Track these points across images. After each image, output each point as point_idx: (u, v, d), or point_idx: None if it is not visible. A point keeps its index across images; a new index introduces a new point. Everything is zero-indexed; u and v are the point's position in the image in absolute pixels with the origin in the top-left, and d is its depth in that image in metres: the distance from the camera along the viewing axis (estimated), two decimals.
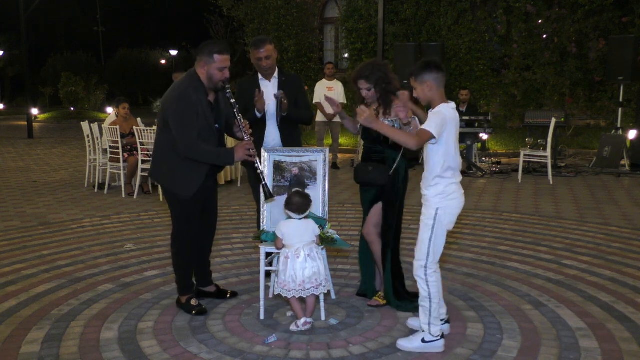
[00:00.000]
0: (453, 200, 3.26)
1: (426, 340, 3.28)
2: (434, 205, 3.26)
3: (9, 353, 3.30)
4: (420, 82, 3.24)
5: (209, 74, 3.64)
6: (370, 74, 3.77)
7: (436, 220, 3.25)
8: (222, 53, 3.63)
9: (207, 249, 4.12)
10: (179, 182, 3.72)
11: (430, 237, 3.27)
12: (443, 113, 3.17)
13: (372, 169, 3.84)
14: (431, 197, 3.27)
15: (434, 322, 3.28)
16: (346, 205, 7.29)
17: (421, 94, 3.27)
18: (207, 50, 3.64)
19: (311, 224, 3.59)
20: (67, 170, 10.65)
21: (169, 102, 3.64)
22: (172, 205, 3.86)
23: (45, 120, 27.93)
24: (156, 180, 3.93)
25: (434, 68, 3.22)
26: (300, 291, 3.45)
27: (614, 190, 8.30)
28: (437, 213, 3.25)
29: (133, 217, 6.75)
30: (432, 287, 3.28)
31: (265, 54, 4.29)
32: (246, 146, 3.64)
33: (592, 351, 3.28)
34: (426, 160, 3.32)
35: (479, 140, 10.36)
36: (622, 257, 5.02)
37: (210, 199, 4.00)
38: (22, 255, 5.16)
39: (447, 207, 3.25)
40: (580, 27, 14.11)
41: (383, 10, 11.75)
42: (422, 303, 3.31)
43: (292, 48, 18.15)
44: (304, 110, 4.49)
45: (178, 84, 3.70)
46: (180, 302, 3.93)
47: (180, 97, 3.60)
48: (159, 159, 3.81)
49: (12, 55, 40.82)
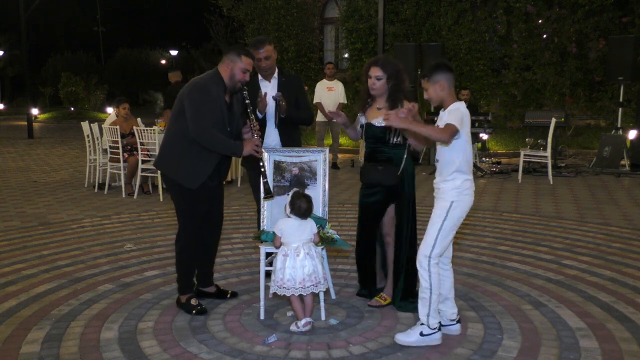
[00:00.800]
0: (466, 197, 3.33)
1: (424, 333, 3.31)
2: (450, 198, 3.31)
3: (9, 353, 3.30)
4: (433, 82, 3.31)
5: (232, 72, 3.77)
6: (386, 64, 3.78)
7: (449, 213, 3.31)
8: (248, 56, 3.81)
9: (212, 250, 4.13)
10: (185, 172, 3.75)
11: (440, 228, 3.31)
12: (460, 110, 3.26)
13: (382, 168, 3.81)
14: (448, 190, 3.32)
15: (433, 314, 3.31)
16: (346, 205, 7.29)
17: (433, 94, 3.33)
18: (235, 51, 3.81)
19: (310, 222, 3.59)
20: (67, 170, 10.65)
21: (189, 91, 3.74)
22: (176, 199, 3.88)
23: (45, 120, 27.94)
24: (161, 169, 3.96)
25: (445, 68, 3.32)
26: (301, 289, 3.46)
27: (614, 190, 8.30)
28: (452, 206, 3.30)
29: (133, 217, 6.75)
30: (434, 277, 3.31)
31: (264, 55, 4.29)
32: (255, 142, 3.79)
33: (592, 351, 3.28)
34: (441, 156, 3.36)
35: (479, 140, 10.36)
36: (622, 257, 5.02)
37: (216, 199, 4.03)
38: (22, 255, 5.16)
39: (461, 201, 3.31)
40: (580, 27, 14.11)
41: (383, 10, 11.75)
42: (422, 294, 3.34)
43: (292, 48, 18.15)
44: (304, 111, 4.48)
45: (199, 78, 3.82)
46: (180, 302, 3.93)
47: (202, 88, 3.73)
48: (167, 148, 3.86)
49: (12, 55, 40.80)
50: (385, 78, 3.77)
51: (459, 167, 3.30)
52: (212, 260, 4.16)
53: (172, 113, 3.84)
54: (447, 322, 3.49)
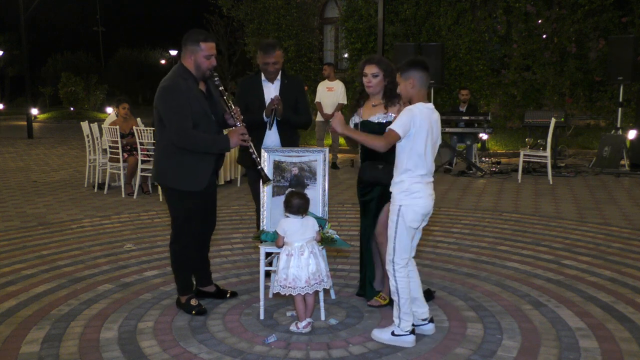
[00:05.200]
0: (417, 199, 3.28)
1: (396, 333, 3.33)
2: (397, 202, 3.31)
3: (9, 353, 3.30)
4: (405, 77, 3.29)
5: (196, 62, 3.63)
6: (381, 61, 3.81)
7: (399, 217, 3.29)
8: (207, 41, 3.62)
9: (206, 247, 4.11)
10: (187, 177, 3.66)
11: (395, 234, 3.31)
12: (413, 111, 3.23)
13: (382, 167, 3.83)
14: (396, 194, 3.33)
15: (403, 317, 3.32)
16: (346, 205, 7.29)
17: (403, 90, 3.33)
18: (192, 39, 3.62)
19: (311, 220, 3.59)
20: (67, 170, 10.65)
21: (158, 97, 3.62)
22: (173, 205, 3.80)
23: (45, 120, 27.93)
24: (161, 183, 3.84)
25: (420, 67, 3.28)
26: (306, 287, 3.46)
27: (613, 190, 8.30)
28: (400, 210, 3.29)
29: (133, 217, 6.75)
30: (400, 282, 3.32)
31: (273, 60, 4.26)
32: (239, 131, 3.65)
33: (592, 351, 3.28)
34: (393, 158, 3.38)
35: (479, 140, 10.36)
36: (622, 257, 5.02)
37: (211, 196, 3.97)
38: (22, 255, 5.16)
39: (410, 205, 3.28)
40: (580, 27, 14.11)
41: (383, 10, 11.76)
42: (393, 296, 3.38)
43: (292, 48, 18.15)
44: (302, 115, 4.46)
45: (165, 80, 3.66)
46: (180, 302, 3.92)
47: (169, 88, 3.58)
48: (161, 159, 3.75)
49: (12, 55, 40.81)
50: (381, 75, 3.79)
51: (404, 170, 3.27)
52: (207, 259, 4.13)
53: (155, 125, 3.73)
54: (419, 322, 3.49)
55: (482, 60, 15.43)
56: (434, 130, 3.31)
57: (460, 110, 10.39)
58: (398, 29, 15.65)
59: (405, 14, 15.71)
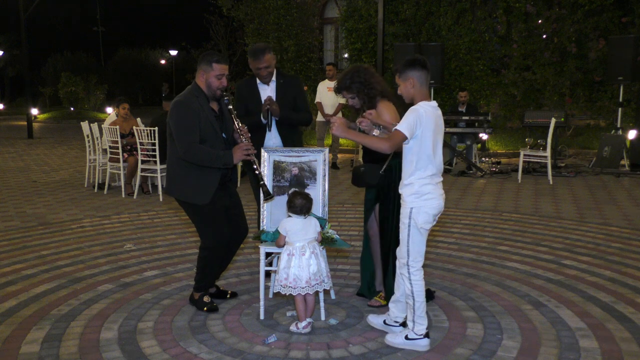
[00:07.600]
0: (428, 201, 3.24)
1: (409, 337, 3.30)
2: (409, 205, 3.26)
3: (9, 353, 3.30)
4: (404, 78, 3.26)
5: (207, 81, 3.79)
6: (350, 84, 3.78)
7: (411, 219, 3.25)
8: (219, 62, 3.79)
9: (231, 253, 4.11)
10: (193, 189, 3.77)
11: (407, 236, 3.28)
12: (418, 111, 3.18)
13: (363, 169, 3.85)
14: (406, 196, 3.28)
15: (418, 321, 3.29)
16: (346, 205, 7.29)
17: (404, 91, 3.30)
18: (206, 60, 3.81)
19: (314, 221, 3.60)
20: (67, 170, 10.65)
21: (170, 111, 3.79)
22: (192, 216, 3.91)
23: (45, 120, 27.93)
24: (173, 195, 3.95)
25: (419, 65, 3.24)
26: (307, 287, 3.46)
27: (613, 190, 8.30)
28: (412, 212, 3.25)
29: (133, 217, 6.75)
30: (415, 285, 3.28)
31: (264, 64, 4.29)
32: (244, 147, 3.75)
33: (592, 351, 3.28)
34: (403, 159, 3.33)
35: (479, 140, 10.36)
36: (622, 257, 5.02)
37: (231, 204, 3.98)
38: (22, 255, 5.16)
39: (422, 206, 3.24)
40: (580, 27, 14.11)
41: (383, 10, 11.75)
42: (407, 300, 3.34)
43: (292, 48, 18.15)
44: (302, 113, 4.47)
45: (179, 96, 3.84)
46: (192, 298, 3.98)
47: (180, 104, 3.74)
48: (171, 172, 3.89)
49: (12, 55, 40.81)
50: (356, 96, 3.80)
51: (413, 171, 3.23)
52: (226, 265, 4.19)
53: (167, 138, 3.88)
54: (392, 323, 3.50)
55: (482, 60, 15.42)
56: (440, 128, 3.28)
57: (460, 111, 10.39)
58: (398, 29, 15.65)
59: (405, 14, 15.71)
